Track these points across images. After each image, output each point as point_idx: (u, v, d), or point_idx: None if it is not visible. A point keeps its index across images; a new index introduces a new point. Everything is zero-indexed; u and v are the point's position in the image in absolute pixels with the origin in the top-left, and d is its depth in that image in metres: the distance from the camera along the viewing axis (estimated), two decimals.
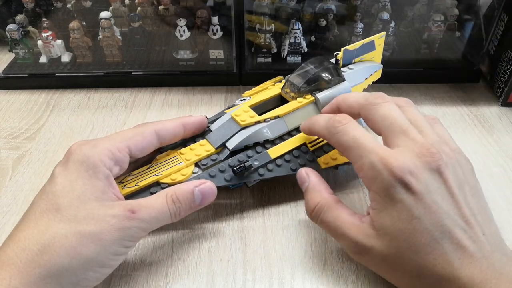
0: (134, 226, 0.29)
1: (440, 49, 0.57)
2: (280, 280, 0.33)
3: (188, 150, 0.37)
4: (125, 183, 0.34)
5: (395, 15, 0.55)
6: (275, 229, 0.37)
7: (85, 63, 0.56)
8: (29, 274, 0.26)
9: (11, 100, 0.53)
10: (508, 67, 0.51)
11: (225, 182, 0.36)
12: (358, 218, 0.30)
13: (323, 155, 0.38)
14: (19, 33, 0.54)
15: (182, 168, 0.36)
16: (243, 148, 0.38)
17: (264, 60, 0.56)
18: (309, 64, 0.42)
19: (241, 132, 0.38)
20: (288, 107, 0.40)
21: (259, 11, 0.53)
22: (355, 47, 0.43)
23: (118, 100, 0.54)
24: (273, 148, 0.38)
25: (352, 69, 0.44)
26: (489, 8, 0.53)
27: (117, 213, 0.29)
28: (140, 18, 0.55)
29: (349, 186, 0.41)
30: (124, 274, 0.33)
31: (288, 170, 0.37)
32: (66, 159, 0.31)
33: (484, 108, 0.53)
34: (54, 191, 0.29)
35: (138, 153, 0.34)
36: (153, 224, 0.31)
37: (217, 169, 0.36)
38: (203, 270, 0.34)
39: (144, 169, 0.36)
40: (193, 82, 0.56)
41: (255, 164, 0.37)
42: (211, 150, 0.37)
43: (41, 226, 0.27)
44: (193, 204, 0.33)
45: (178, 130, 0.36)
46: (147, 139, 0.34)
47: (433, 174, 0.28)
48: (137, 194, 0.34)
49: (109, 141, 0.32)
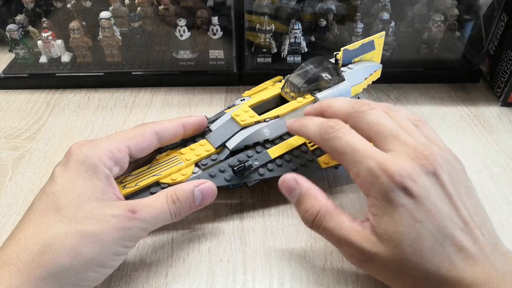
0: (134, 226, 0.29)
1: (440, 49, 0.57)
2: (280, 280, 0.33)
3: (188, 150, 0.37)
4: (125, 183, 0.34)
5: (395, 15, 0.55)
6: (275, 229, 0.37)
7: (85, 63, 0.56)
8: (29, 274, 0.26)
9: (11, 100, 0.53)
10: (508, 67, 0.51)
11: (225, 182, 0.36)
12: (359, 223, 0.30)
13: (323, 155, 0.38)
14: (19, 33, 0.54)
15: (182, 168, 0.36)
16: (243, 148, 0.38)
17: (264, 60, 0.56)
18: (309, 64, 0.42)
19: (241, 132, 0.38)
20: (288, 107, 0.40)
21: (259, 11, 0.53)
22: (355, 47, 0.43)
23: (118, 100, 0.54)
24: (273, 148, 0.38)
25: (351, 69, 0.44)
26: (489, 8, 0.53)
27: (117, 213, 0.29)
28: (140, 18, 0.55)
29: (349, 186, 0.41)
30: (124, 274, 0.33)
31: (289, 170, 0.37)
32: (66, 159, 0.31)
33: (484, 108, 0.53)
34: (54, 191, 0.29)
35: (138, 153, 0.34)
36: (153, 224, 0.31)
37: (217, 169, 0.36)
38: (203, 270, 0.34)
39: (144, 169, 0.36)
40: (193, 82, 0.56)
41: (255, 164, 0.37)
42: (211, 150, 0.37)
43: (41, 226, 0.27)
44: (193, 204, 0.33)
45: (178, 130, 0.36)
46: (147, 140, 0.34)
47: (430, 177, 0.28)
48: (137, 194, 0.34)
49: (109, 141, 0.32)
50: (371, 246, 0.28)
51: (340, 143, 0.31)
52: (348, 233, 0.29)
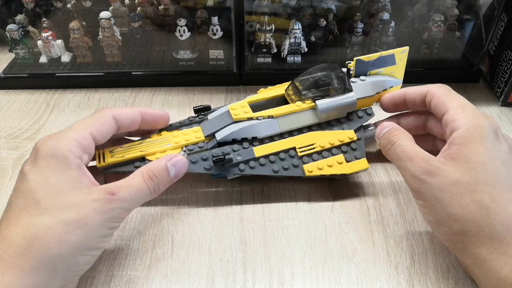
0: (116, 207, 0.30)
1: (440, 49, 0.57)
2: (280, 280, 0.33)
3: (180, 134, 0.39)
4: (114, 153, 0.36)
5: (395, 15, 0.55)
6: (275, 229, 0.37)
7: (85, 63, 0.56)
8: (21, 267, 0.26)
9: (11, 100, 0.53)
10: (508, 67, 0.51)
11: (204, 170, 0.37)
12: None
13: (310, 163, 0.38)
14: (19, 33, 0.54)
15: (169, 149, 0.37)
16: (231, 141, 0.38)
17: (264, 60, 0.56)
18: (317, 69, 0.40)
19: (232, 125, 0.39)
20: (284, 109, 0.40)
21: (259, 11, 0.53)
22: (370, 59, 0.41)
23: (118, 100, 0.54)
24: (260, 147, 0.38)
25: (363, 81, 0.41)
26: (489, 8, 0.53)
27: (97, 197, 0.29)
28: (140, 18, 0.55)
29: (349, 187, 0.41)
30: (124, 274, 0.33)
31: (270, 171, 0.38)
32: (34, 156, 0.31)
33: (484, 108, 0.53)
34: (28, 187, 0.29)
35: (100, 138, 0.34)
36: (133, 202, 0.31)
37: (200, 156, 0.37)
38: (203, 270, 0.34)
39: (135, 144, 0.38)
40: (193, 82, 0.56)
41: (237, 159, 0.37)
42: (201, 137, 0.38)
43: (24, 222, 0.28)
44: (169, 177, 0.34)
45: (135, 116, 0.37)
46: (106, 124, 0.35)
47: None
48: (122, 166, 0.36)
49: (72, 131, 0.33)
50: (442, 162, 0.31)
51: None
52: (421, 150, 0.33)
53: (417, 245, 0.35)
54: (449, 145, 0.32)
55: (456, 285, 0.33)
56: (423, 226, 0.37)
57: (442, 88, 0.37)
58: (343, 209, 0.39)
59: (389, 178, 0.42)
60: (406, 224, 0.37)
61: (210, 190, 0.40)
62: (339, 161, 0.38)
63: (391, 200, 0.39)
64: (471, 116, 0.33)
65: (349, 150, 0.39)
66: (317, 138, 0.39)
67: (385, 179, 0.42)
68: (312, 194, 0.40)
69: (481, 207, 0.29)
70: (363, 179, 0.42)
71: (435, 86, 0.37)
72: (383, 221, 0.37)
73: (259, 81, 0.47)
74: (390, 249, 0.35)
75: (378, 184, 0.41)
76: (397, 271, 0.34)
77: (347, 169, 0.38)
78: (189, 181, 0.41)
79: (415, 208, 0.39)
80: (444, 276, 0.33)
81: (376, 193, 0.40)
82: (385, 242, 0.36)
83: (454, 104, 0.34)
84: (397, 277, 0.33)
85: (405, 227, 0.37)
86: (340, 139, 0.39)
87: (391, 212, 0.38)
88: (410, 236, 0.36)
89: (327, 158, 0.39)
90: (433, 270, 0.34)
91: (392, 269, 0.34)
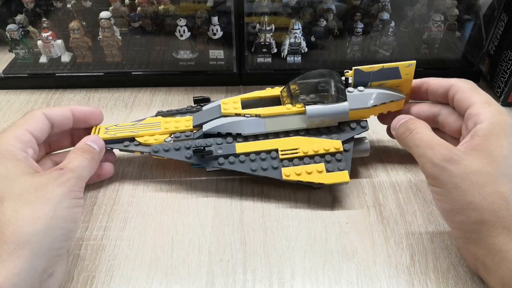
0: (70, 177, 0.31)
1: (440, 49, 0.57)
2: (280, 280, 0.33)
3: (173, 120, 0.41)
4: (108, 130, 0.40)
5: (395, 15, 0.55)
6: (275, 229, 0.37)
7: (85, 63, 0.56)
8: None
9: (11, 100, 0.53)
10: (508, 67, 0.51)
11: (185, 158, 0.38)
12: None
13: (290, 167, 0.38)
14: (19, 33, 0.54)
15: (157, 133, 0.40)
16: (216, 134, 0.39)
17: (264, 60, 0.56)
18: (314, 74, 0.40)
19: (219, 119, 0.40)
20: (272, 110, 0.40)
21: (259, 11, 0.53)
22: (371, 70, 0.39)
23: (118, 100, 0.54)
24: (243, 144, 0.39)
25: (361, 92, 0.40)
26: (489, 8, 0.53)
27: (50, 175, 0.31)
28: (140, 18, 0.55)
29: (350, 193, 0.41)
30: (124, 274, 0.33)
31: (248, 169, 0.38)
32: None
33: None
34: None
35: (39, 134, 0.35)
36: (83, 170, 0.34)
37: (183, 144, 0.39)
38: (203, 270, 0.34)
39: (129, 124, 0.41)
40: (193, 82, 0.56)
41: (218, 152, 0.38)
42: (189, 127, 0.40)
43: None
44: (95, 151, 0.37)
45: (65, 113, 0.38)
46: (40, 121, 0.36)
47: None
48: (112, 143, 0.40)
49: (8, 131, 0.34)
50: (463, 151, 0.32)
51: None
52: (440, 138, 0.33)
53: (417, 245, 0.35)
54: (471, 136, 0.33)
55: (456, 285, 0.33)
56: (423, 226, 0.37)
57: (467, 83, 0.37)
58: (343, 209, 0.39)
59: (389, 178, 0.42)
60: (406, 224, 0.37)
61: (210, 190, 0.40)
62: (319, 170, 0.37)
63: (391, 200, 0.39)
64: (496, 112, 0.33)
65: (333, 160, 0.38)
66: (302, 144, 0.39)
67: (385, 179, 0.42)
68: (312, 194, 0.40)
69: (502, 198, 0.29)
70: (363, 179, 0.42)
71: (461, 80, 0.38)
72: (383, 221, 0.37)
73: (259, 81, 0.47)
74: (390, 249, 0.35)
75: (378, 184, 0.41)
76: (397, 271, 0.34)
77: (326, 179, 0.37)
78: (189, 181, 0.41)
79: (415, 208, 0.39)
80: (444, 276, 0.33)
81: (376, 193, 0.40)
82: (385, 242, 0.36)
83: (479, 100, 0.35)
84: (397, 277, 0.33)
85: (405, 227, 0.37)
86: (325, 148, 0.38)
87: (391, 212, 0.38)
88: (410, 236, 0.36)
89: (308, 164, 0.38)
90: (433, 270, 0.34)
91: (392, 269, 0.34)
